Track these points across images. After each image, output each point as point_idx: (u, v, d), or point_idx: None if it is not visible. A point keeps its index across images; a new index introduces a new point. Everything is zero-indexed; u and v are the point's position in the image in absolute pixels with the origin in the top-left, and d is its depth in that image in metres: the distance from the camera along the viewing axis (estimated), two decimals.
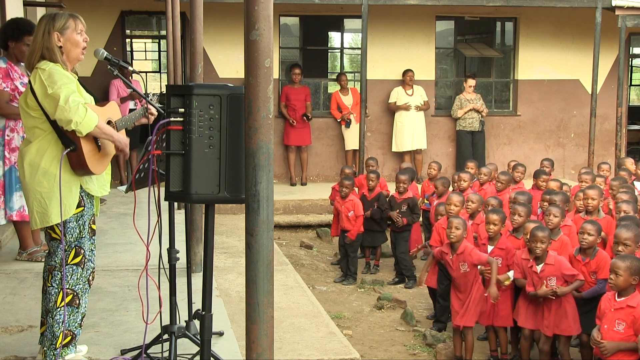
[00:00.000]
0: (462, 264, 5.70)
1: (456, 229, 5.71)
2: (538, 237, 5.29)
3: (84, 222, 3.73)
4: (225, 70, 11.15)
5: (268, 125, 2.32)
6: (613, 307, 4.56)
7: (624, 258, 4.63)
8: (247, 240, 2.35)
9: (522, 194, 6.82)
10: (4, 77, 5.48)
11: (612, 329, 4.51)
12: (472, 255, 5.68)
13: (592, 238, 5.34)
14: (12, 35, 5.57)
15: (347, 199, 7.86)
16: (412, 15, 11.63)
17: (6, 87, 5.48)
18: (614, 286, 4.56)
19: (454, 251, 5.76)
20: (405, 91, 11.43)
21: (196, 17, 5.48)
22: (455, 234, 5.70)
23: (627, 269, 4.49)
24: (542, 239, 5.28)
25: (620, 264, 4.53)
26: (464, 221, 5.86)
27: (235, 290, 6.01)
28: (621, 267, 4.50)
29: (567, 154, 12.52)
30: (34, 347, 4.01)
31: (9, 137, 5.57)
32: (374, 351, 6.01)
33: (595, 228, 5.36)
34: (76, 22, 3.74)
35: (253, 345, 2.37)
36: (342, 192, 7.90)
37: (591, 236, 5.33)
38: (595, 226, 5.38)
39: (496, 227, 5.76)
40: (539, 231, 5.32)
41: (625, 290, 4.53)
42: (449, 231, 5.75)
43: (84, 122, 3.53)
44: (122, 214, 7.96)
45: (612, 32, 11.01)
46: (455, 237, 5.71)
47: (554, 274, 5.28)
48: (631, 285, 4.53)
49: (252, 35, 2.28)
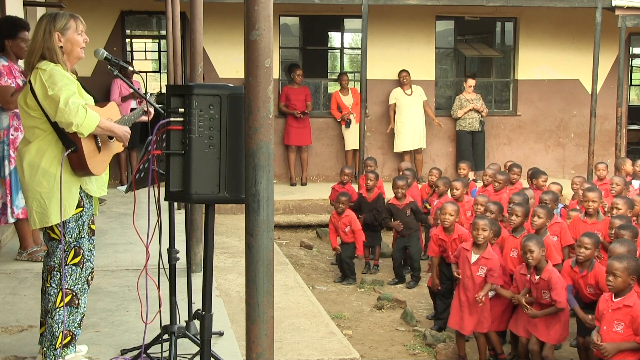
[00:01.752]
0: (482, 268, 5.65)
1: (483, 230, 5.63)
2: (527, 246, 5.26)
3: (83, 222, 3.73)
4: (225, 70, 11.15)
5: (268, 125, 2.32)
6: (610, 307, 4.57)
7: (621, 259, 4.62)
8: (247, 240, 2.34)
9: (519, 194, 6.83)
10: (8, 74, 5.50)
11: (612, 330, 4.51)
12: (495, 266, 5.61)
13: (589, 252, 5.28)
14: (7, 33, 5.57)
15: (344, 214, 7.86)
16: (412, 15, 11.63)
17: (12, 83, 5.49)
18: (613, 287, 4.56)
19: (477, 250, 5.68)
20: (404, 91, 11.43)
21: (196, 17, 5.48)
22: (483, 235, 5.64)
23: (625, 269, 4.50)
24: (530, 248, 5.24)
25: (618, 265, 4.53)
26: (491, 221, 5.79)
27: (235, 290, 6.01)
28: (619, 269, 4.51)
29: (567, 154, 12.52)
30: (34, 347, 4.01)
31: (13, 137, 5.59)
32: (374, 351, 6.00)
33: (593, 241, 5.30)
34: (77, 23, 3.74)
35: (253, 345, 2.36)
36: (338, 208, 7.89)
37: (588, 250, 5.27)
38: (592, 239, 5.31)
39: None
40: (527, 241, 5.29)
41: (622, 291, 4.54)
42: (475, 233, 5.66)
43: (85, 123, 3.53)
44: (122, 214, 7.96)
45: (612, 32, 11.01)
46: (483, 238, 5.65)
47: (544, 288, 5.25)
48: (629, 285, 4.54)
49: (252, 35, 2.28)
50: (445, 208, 6.49)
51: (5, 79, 5.47)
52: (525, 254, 5.30)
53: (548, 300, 5.26)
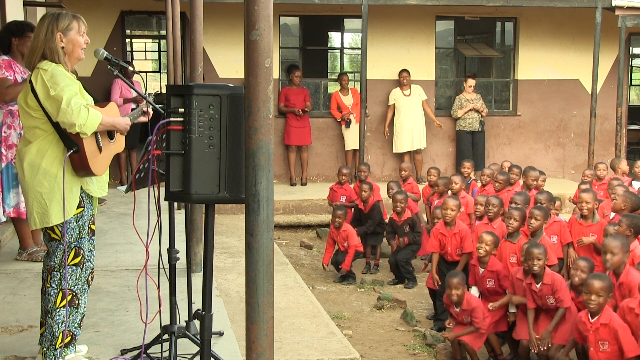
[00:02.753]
0: (490, 280, 5.67)
1: (486, 245, 5.68)
2: (534, 254, 5.22)
3: (83, 222, 3.73)
4: (225, 70, 11.15)
5: (268, 125, 2.32)
6: (591, 329, 4.58)
7: (601, 278, 4.62)
8: (247, 240, 2.34)
9: (520, 194, 6.83)
10: (7, 67, 5.51)
11: (599, 351, 4.55)
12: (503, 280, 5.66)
13: (585, 276, 5.02)
14: (16, 31, 5.60)
15: (341, 229, 7.86)
16: (412, 15, 11.63)
17: (9, 76, 5.50)
18: (596, 306, 4.55)
19: (483, 266, 5.73)
20: (403, 92, 11.42)
21: (196, 17, 5.48)
22: (485, 248, 5.69)
23: (606, 288, 4.53)
24: (537, 255, 5.20)
25: (601, 284, 4.53)
26: (495, 236, 5.79)
27: (235, 290, 6.01)
28: (602, 288, 4.52)
29: (567, 154, 12.52)
30: (34, 347, 4.01)
31: (5, 134, 5.59)
32: (374, 351, 6.00)
33: (589, 266, 5.12)
34: (79, 24, 3.74)
35: (253, 345, 2.36)
36: (335, 222, 7.87)
37: (584, 273, 5.05)
38: (589, 264, 5.15)
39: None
40: (534, 249, 5.24)
41: (599, 310, 4.56)
42: (479, 245, 5.72)
43: (88, 123, 3.53)
44: (122, 214, 7.96)
45: (612, 32, 11.01)
46: (484, 251, 5.70)
47: (549, 293, 5.22)
48: (605, 303, 4.57)
49: (252, 35, 2.28)
50: (446, 203, 6.57)
51: (3, 71, 5.48)
52: (530, 261, 5.21)
53: (553, 304, 5.21)
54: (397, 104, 11.45)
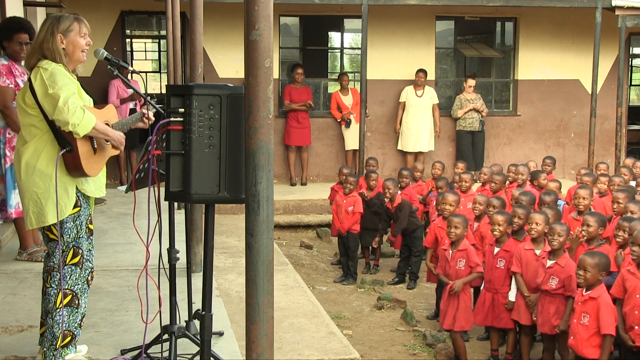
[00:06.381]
0: (460, 260, 5.75)
1: (455, 228, 5.75)
2: (556, 230, 5.30)
3: (81, 222, 3.73)
4: (225, 70, 11.15)
5: (268, 125, 2.32)
6: (580, 301, 4.77)
7: (592, 255, 4.80)
8: (247, 240, 2.34)
9: (525, 194, 6.82)
10: (7, 74, 5.50)
11: (580, 323, 4.72)
12: (470, 256, 5.76)
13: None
14: (4, 34, 5.59)
15: (350, 195, 7.91)
16: (412, 15, 11.63)
17: (10, 84, 5.49)
18: (583, 282, 4.74)
19: (454, 247, 5.83)
20: (416, 92, 11.41)
21: (196, 17, 5.48)
22: (455, 232, 5.75)
23: (596, 265, 4.70)
24: (560, 232, 5.28)
25: (590, 260, 4.71)
26: (465, 219, 5.87)
27: (235, 290, 6.01)
28: (590, 264, 4.70)
29: (567, 154, 12.52)
30: (34, 347, 4.01)
31: (10, 136, 5.59)
32: (374, 351, 6.00)
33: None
34: (80, 25, 3.75)
35: (253, 345, 2.36)
36: (346, 187, 7.95)
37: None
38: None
39: (502, 228, 5.75)
40: (557, 225, 5.36)
41: (592, 285, 4.72)
42: (449, 230, 5.80)
43: (82, 124, 3.54)
44: (122, 214, 7.95)
45: (612, 32, 11.01)
46: (455, 236, 5.77)
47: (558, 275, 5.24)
48: (598, 280, 4.73)
49: (252, 35, 2.28)
50: (445, 198, 6.63)
51: (3, 79, 5.48)
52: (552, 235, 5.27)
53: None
54: (407, 104, 11.43)
